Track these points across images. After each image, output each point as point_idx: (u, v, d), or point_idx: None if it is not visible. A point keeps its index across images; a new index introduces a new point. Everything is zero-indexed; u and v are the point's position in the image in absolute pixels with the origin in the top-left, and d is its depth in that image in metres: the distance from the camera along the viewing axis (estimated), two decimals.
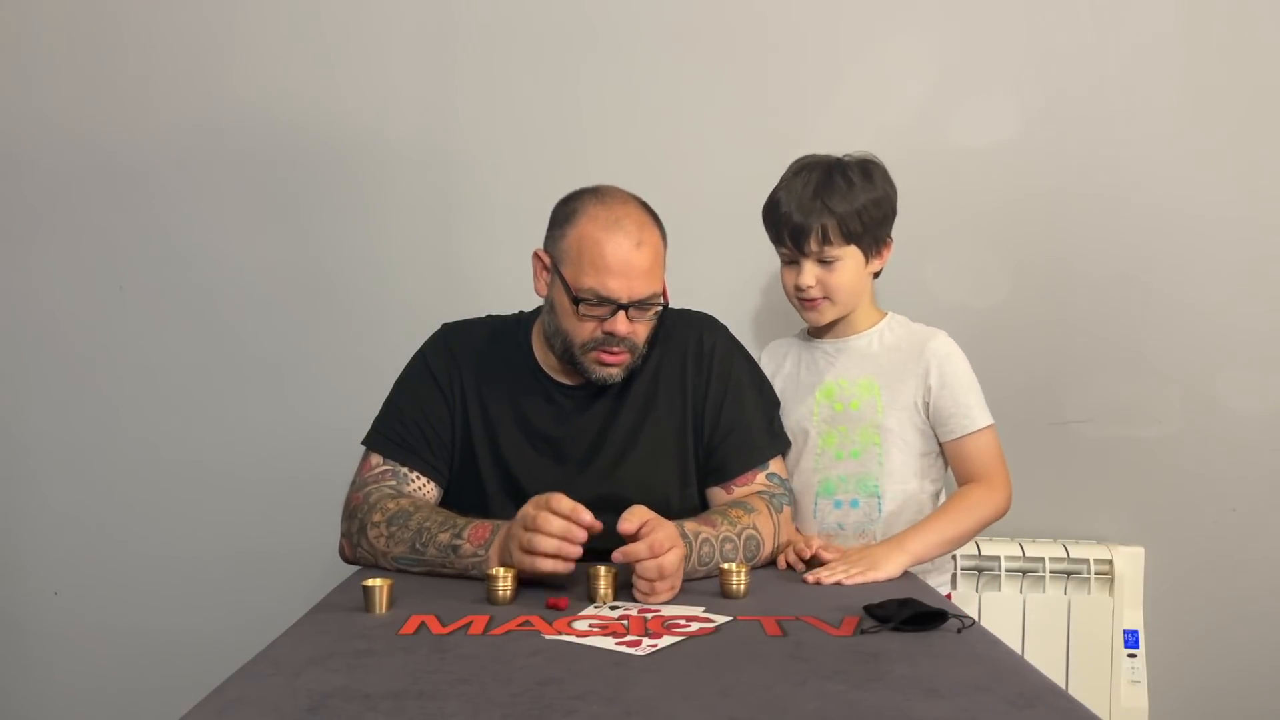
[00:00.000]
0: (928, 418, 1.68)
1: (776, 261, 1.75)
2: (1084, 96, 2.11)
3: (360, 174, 2.19)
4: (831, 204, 1.63)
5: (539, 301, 1.64)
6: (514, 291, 1.72)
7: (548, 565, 1.33)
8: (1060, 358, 2.13)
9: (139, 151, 2.21)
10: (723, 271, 2.12)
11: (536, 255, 1.60)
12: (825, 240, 1.64)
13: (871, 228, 1.66)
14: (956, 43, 2.13)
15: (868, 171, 1.68)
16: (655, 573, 1.31)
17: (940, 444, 1.70)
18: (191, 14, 2.20)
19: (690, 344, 1.67)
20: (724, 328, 1.72)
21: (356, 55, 2.19)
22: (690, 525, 1.47)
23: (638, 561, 1.32)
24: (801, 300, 1.70)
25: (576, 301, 1.51)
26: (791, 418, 1.75)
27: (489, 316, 1.75)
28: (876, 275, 1.75)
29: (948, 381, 1.67)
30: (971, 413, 1.66)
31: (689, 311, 1.72)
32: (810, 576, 1.48)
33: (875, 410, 1.69)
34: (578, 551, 1.33)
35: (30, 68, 2.21)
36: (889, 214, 1.70)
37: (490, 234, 2.16)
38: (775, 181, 1.76)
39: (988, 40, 2.13)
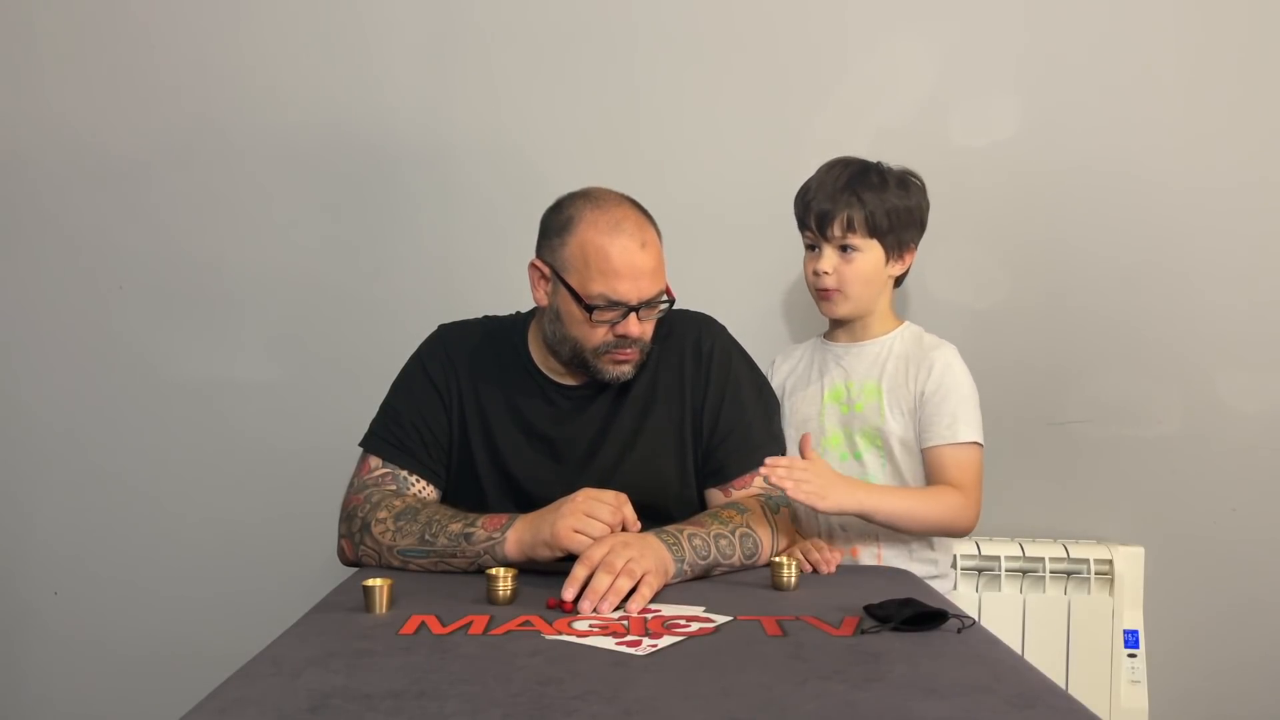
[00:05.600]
0: (916, 423, 1.67)
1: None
2: (1084, 96, 2.11)
3: (361, 174, 2.19)
4: (861, 195, 1.66)
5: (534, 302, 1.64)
6: (514, 292, 1.72)
7: (588, 541, 1.36)
8: (1060, 357, 2.13)
9: (139, 151, 2.21)
10: (720, 272, 2.11)
11: (534, 266, 1.60)
12: (849, 228, 1.66)
13: (897, 228, 1.68)
14: (956, 43, 2.13)
15: (904, 180, 1.71)
16: (607, 594, 1.29)
17: (921, 450, 1.68)
18: (192, 13, 2.19)
19: (689, 344, 1.67)
20: (723, 328, 1.72)
21: (357, 55, 2.19)
22: (676, 526, 1.47)
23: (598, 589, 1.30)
24: (817, 290, 1.72)
25: (590, 309, 1.52)
26: (798, 416, 1.75)
27: (485, 318, 1.75)
28: (899, 284, 1.76)
29: (941, 388, 1.66)
30: (957, 424, 1.64)
31: (687, 311, 1.72)
32: (763, 470, 1.48)
33: (879, 414, 1.69)
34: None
35: (30, 67, 2.21)
36: (917, 222, 1.72)
37: (490, 234, 2.16)
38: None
39: (988, 40, 2.13)
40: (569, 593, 1.30)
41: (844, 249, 1.68)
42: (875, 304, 1.73)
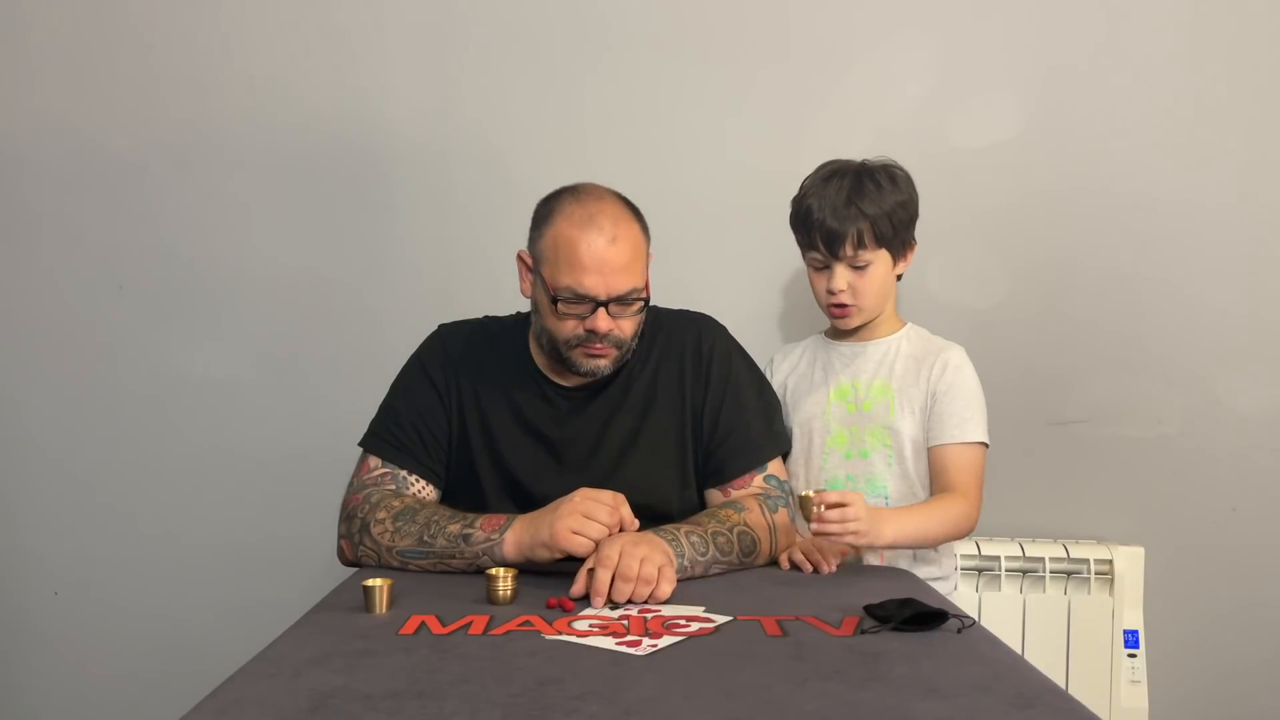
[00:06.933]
0: (925, 421, 1.68)
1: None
2: (1084, 96, 2.11)
3: (360, 174, 2.19)
4: (864, 208, 1.65)
5: None
6: (513, 293, 1.72)
7: (586, 542, 1.37)
8: (1060, 358, 2.13)
9: (139, 151, 2.21)
10: (719, 272, 2.12)
11: (519, 257, 1.60)
12: (860, 244, 1.65)
13: (900, 230, 1.68)
14: (956, 43, 2.13)
15: (892, 175, 1.70)
16: (628, 591, 1.31)
17: (927, 449, 1.69)
18: (191, 13, 2.20)
19: (689, 345, 1.66)
20: (723, 328, 1.72)
21: (357, 55, 2.18)
22: (674, 526, 1.47)
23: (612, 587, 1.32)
24: (832, 306, 1.71)
25: (555, 300, 1.52)
26: (803, 415, 1.75)
27: (485, 318, 1.75)
28: (898, 278, 1.76)
29: (951, 388, 1.68)
30: (966, 425, 1.66)
31: (687, 312, 1.72)
32: (816, 526, 1.47)
33: (888, 412, 1.69)
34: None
35: (30, 67, 2.21)
36: (913, 216, 1.72)
37: (489, 235, 2.15)
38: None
39: (988, 40, 2.13)
40: (579, 590, 1.32)
41: (856, 266, 1.67)
42: (886, 307, 1.74)
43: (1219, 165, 2.09)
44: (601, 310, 1.51)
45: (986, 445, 1.68)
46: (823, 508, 1.46)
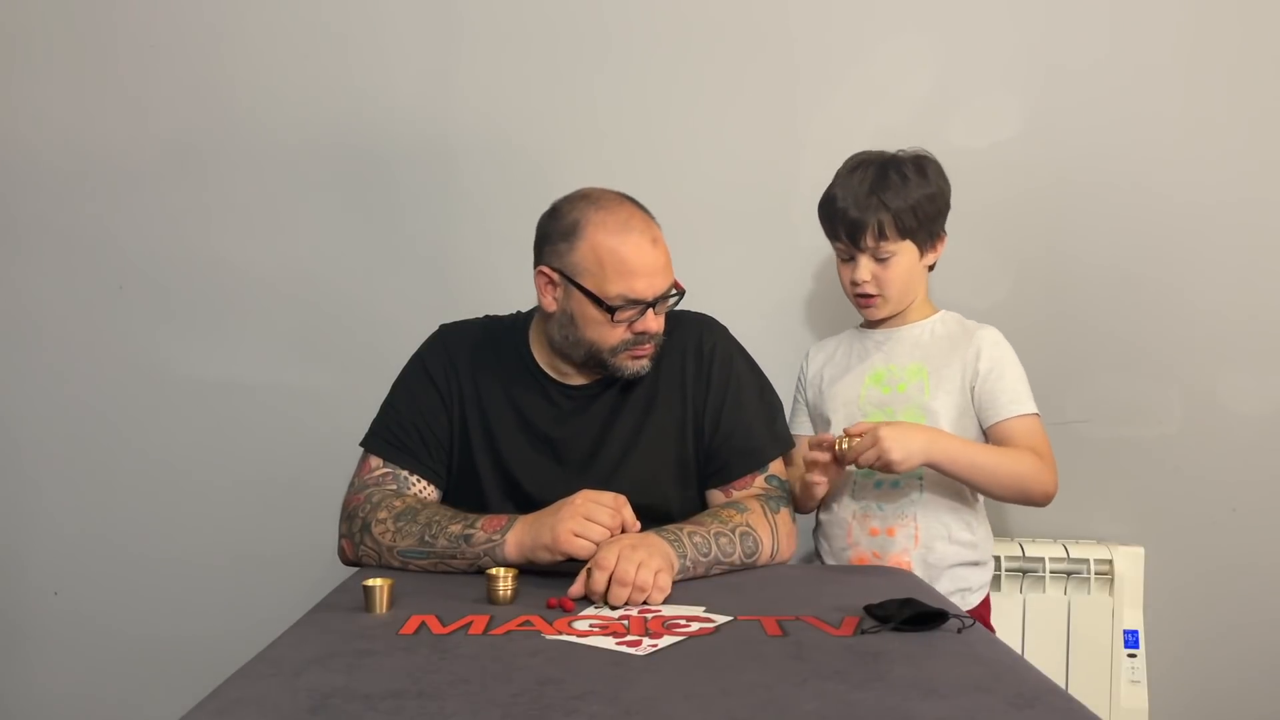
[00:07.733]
0: (973, 402, 1.69)
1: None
2: (1084, 96, 2.10)
3: (360, 174, 2.19)
4: (887, 199, 1.66)
5: (535, 302, 1.64)
6: (513, 293, 1.72)
7: (588, 544, 1.37)
8: (1060, 358, 2.12)
9: (139, 151, 2.20)
10: (719, 272, 2.11)
11: (541, 273, 1.58)
12: (881, 235, 1.66)
13: (926, 222, 1.69)
14: (956, 43, 2.13)
15: (921, 167, 1.70)
16: (624, 595, 1.31)
17: (985, 430, 1.70)
18: (190, 13, 2.19)
19: (690, 345, 1.67)
20: (724, 329, 1.72)
21: (356, 55, 2.18)
22: (677, 526, 1.48)
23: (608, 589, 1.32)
24: (857, 296, 1.73)
25: (611, 310, 1.52)
26: (837, 400, 1.76)
27: (486, 317, 1.75)
28: (930, 269, 1.77)
29: (996, 366, 1.69)
30: (1020, 398, 1.68)
31: (688, 313, 1.72)
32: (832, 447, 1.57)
33: (923, 392, 1.70)
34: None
35: (29, 67, 2.21)
36: (943, 208, 1.73)
37: (490, 235, 2.16)
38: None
39: (988, 40, 2.12)
40: (577, 591, 1.33)
41: (879, 257, 1.68)
42: (914, 296, 1.75)
43: (1220, 164, 2.09)
44: (650, 311, 1.53)
45: (1039, 415, 1.69)
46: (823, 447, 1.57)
